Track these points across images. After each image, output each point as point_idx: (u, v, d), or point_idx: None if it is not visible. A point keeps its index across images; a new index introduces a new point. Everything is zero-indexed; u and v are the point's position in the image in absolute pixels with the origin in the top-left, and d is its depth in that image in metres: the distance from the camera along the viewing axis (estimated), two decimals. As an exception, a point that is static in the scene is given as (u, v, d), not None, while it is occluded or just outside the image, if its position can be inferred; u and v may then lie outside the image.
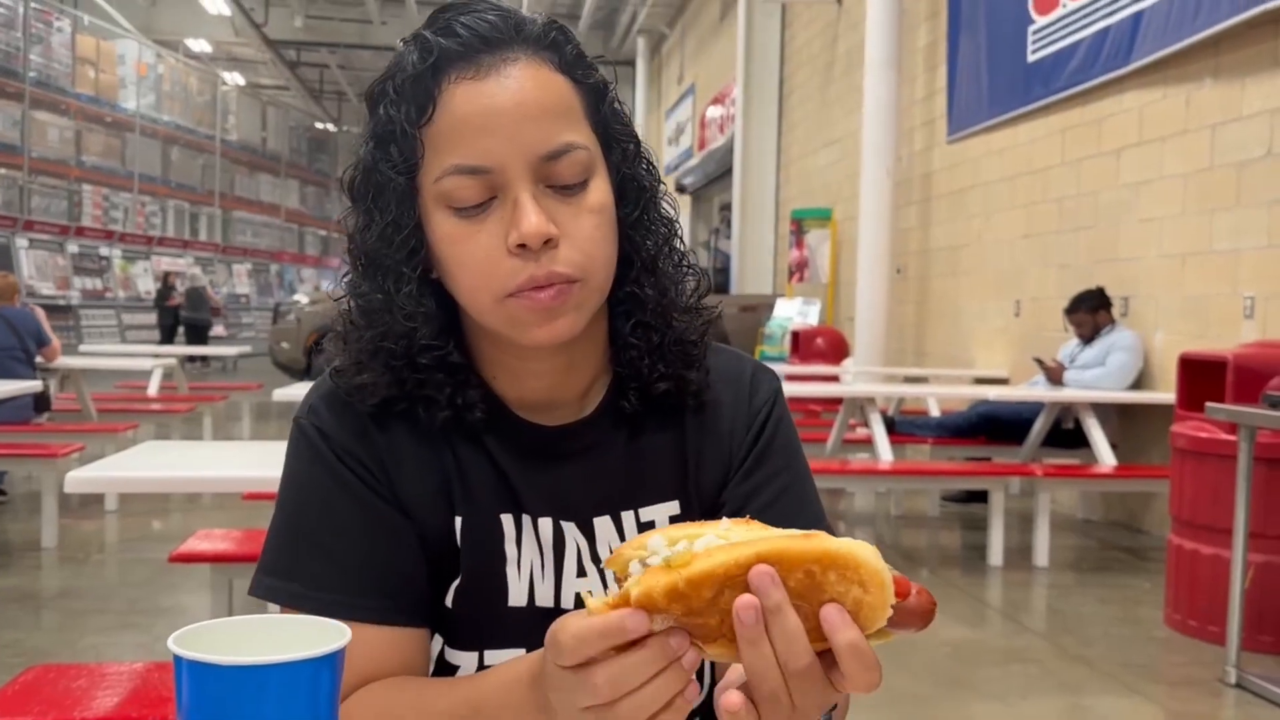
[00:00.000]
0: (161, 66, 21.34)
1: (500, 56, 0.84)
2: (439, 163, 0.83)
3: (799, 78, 12.41)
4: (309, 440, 0.91)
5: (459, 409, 0.89)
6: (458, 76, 0.83)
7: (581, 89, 0.88)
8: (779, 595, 0.61)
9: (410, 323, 0.87)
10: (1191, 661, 3.72)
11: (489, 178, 0.82)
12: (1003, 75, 7.36)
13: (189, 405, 7.79)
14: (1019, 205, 7.26)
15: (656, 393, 0.94)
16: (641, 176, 0.92)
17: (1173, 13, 5.47)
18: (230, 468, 2.75)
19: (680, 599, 0.61)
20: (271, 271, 25.98)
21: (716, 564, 0.61)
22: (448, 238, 0.84)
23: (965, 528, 6.07)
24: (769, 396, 1.00)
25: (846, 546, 0.62)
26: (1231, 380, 3.94)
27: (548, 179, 0.83)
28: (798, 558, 0.61)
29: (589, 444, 0.94)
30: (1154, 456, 5.63)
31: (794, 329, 9.95)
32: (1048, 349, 6.42)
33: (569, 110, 0.85)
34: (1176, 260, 5.62)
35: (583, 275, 0.84)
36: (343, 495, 0.89)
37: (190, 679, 0.59)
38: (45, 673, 2.00)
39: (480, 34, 0.84)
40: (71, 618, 4.07)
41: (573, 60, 0.88)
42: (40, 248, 16.63)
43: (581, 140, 0.85)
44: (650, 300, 0.92)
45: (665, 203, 0.95)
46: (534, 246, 0.81)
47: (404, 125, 0.83)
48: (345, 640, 0.62)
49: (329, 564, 0.87)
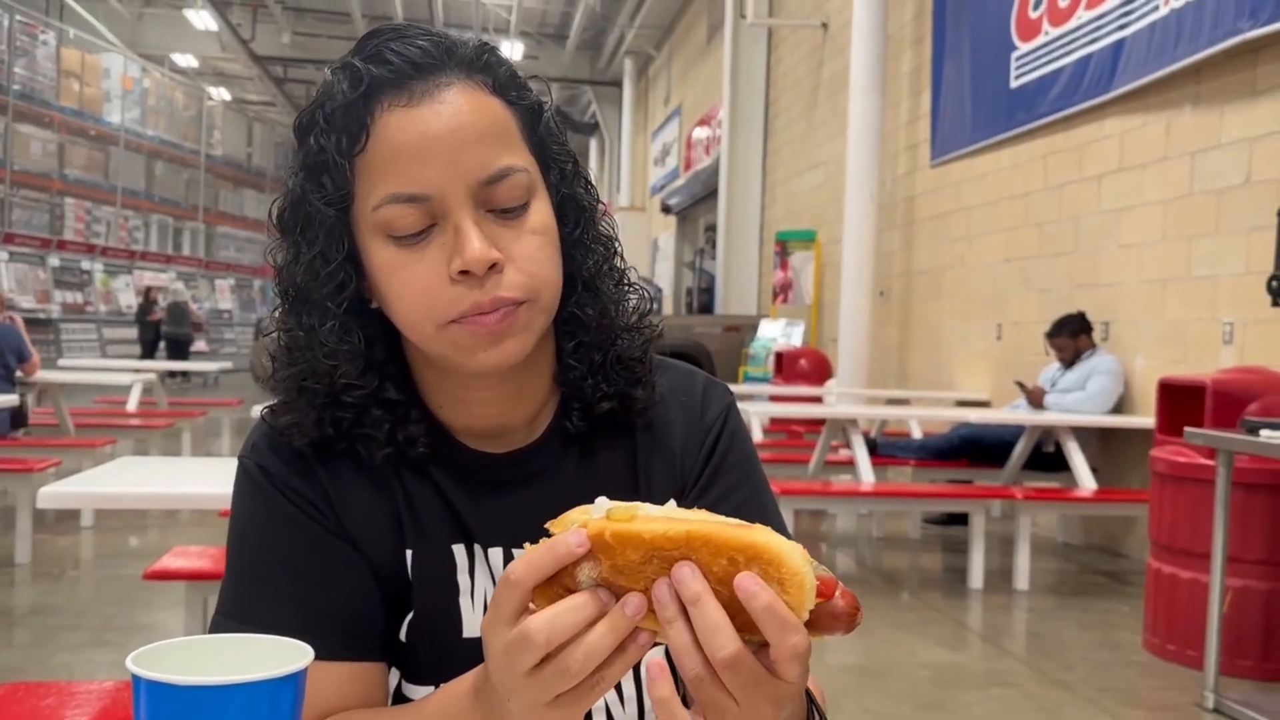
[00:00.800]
0: (147, 81, 21.30)
1: (433, 82, 0.82)
2: (375, 192, 0.81)
3: (784, 101, 12.49)
4: (252, 479, 0.89)
5: (400, 445, 0.88)
6: (390, 104, 0.81)
7: (517, 110, 0.86)
8: (698, 586, 0.62)
9: (331, 360, 0.84)
10: (1170, 686, 3.73)
11: (428, 205, 0.81)
12: (986, 101, 7.42)
13: (168, 421, 7.73)
14: (1001, 229, 7.31)
15: (600, 412, 0.93)
16: (580, 195, 0.91)
17: (1154, 42, 5.53)
18: (208, 484, 2.73)
19: (606, 551, 0.63)
20: (254, 287, 25.89)
21: (646, 529, 0.63)
22: (386, 266, 0.82)
23: (946, 550, 6.07)
24: (721, 411, 0.99)
25: (775, 543, 0.62)
26: (1210, 405, 3.96)
27: (488, 203, 0.82)
28: (724, 544, 0.62)
29: (538, 469, 0.93)
30: (1134, 481, 5.65)
31: (778, 350, 9.97)
32: (1029, 373, 6.45)
33: (505, 133, 0.84)
34: (1157, 285, 5.66)
35: (529, 296, 0.83)
36: (290, 532, 0.87)
37: (149, 699, 0.58)
38: (14, 690, 1.97)
39: (411, 60, 0.82)
40: (44, 634, 4.01)
41: (506, 81, 0.86)
42: (21, 260, 16.53)
43: (520, 163, 0.84)
44: (591, 320, 0.91)
45: (604, 221, 0.94)
46: (478, 273, 0.80)
47: (335, 155, 0.82)
48: (307, 660, 0.61)
49: (280, 604, 0.85)
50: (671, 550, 0.63)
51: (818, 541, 6.27)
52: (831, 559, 5.85)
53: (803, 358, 9.60)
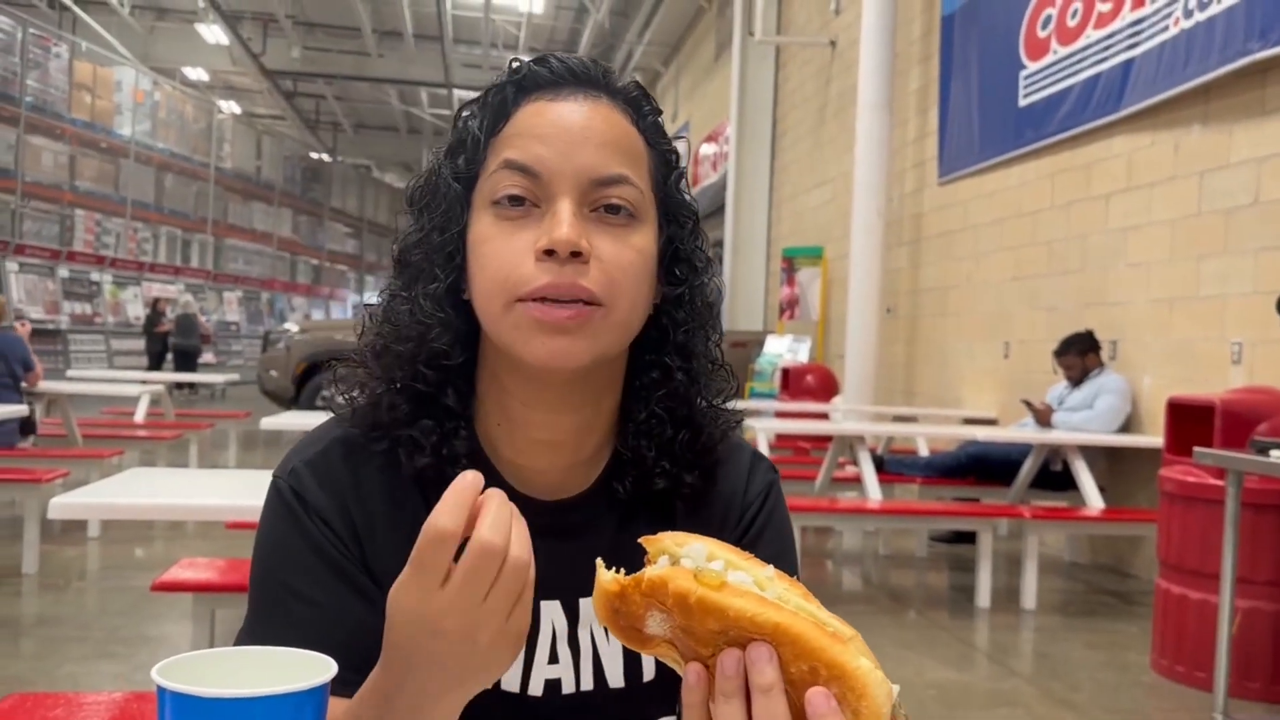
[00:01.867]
0: (158, 94, 21.40)
1: (583, 91, 0.86)
2: (494, 162, 0.84)
3: (792, 118, 12.52)
4: (285, 502, 0.88)
5: (442, 459, 0.86)
6: (538, 96, 0.86)
7: (652, 151, 0.88)
8: (772, 676, 0.60)
9: (427, 321, 0.85)
10: (1178, 707, 3.71)
11: (535, 181, 0.82)
12: (994, 119, 7.43)
13: (175, 432, 7.74)
14: (1008, 248, 7.31)
15: (654, 488, 0.90)
16: (694, 257, 0.91)
17: (1163, 61, 5.54)
18: (215, 496, 2.73)
19: (686, 612, 0.60)
20: (262, 299, 25.94)
21: (735, 606, 0.59)
22: (482, 238, 0.83)
23: (953, 568, 6.05)
24: (763, 489, 0.98)
25: (865, 672, 0.58)
26: (1219, 425, 3.96)
27: (594, 202, 0.82)
28: (812, 652, 0.59)
29: (578, 523, 0.91)
30: (1141, 500, 5.64)
31: (784, 366, 9.97)
32: (1036, 391, 6.44)
33: (633, 155, 0.86)
34: (1164, 305, 5.66)
35: (605, 301, 0.81)
36: (314, 562, 0.86)
37: (173, 710, 0.58)
38: (22, 701, 1.97)
39: (570, 68, 0.87)
40: (51, 645, 4.01)
41: (649, 125, 0.89)
42: (30, 271, 16.59)
43: (637, 181, 0.84)
44: (678, 385, 0.89)
45: (714, 287, 0.94)
46: (562, 254, 0.79)
47: (475, 134, 0.86)
48: (331, 674, 0.62)
49: (293, 631, 0.84)
50: (753, 634, 0.59)
51: (823, 559, 6.25)
52: (838, 576, 5.84)
53: (809, 374, 9.59)
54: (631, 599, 0.63)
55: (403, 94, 25.38)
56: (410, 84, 23.39)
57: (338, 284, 31.80)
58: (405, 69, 22.41)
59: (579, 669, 0.89)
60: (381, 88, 24.73)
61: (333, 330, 11.91)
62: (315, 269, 30.23)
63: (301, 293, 28.89)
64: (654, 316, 0.89)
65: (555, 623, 0.90)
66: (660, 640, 0.64)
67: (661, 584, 0.61)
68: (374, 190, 34.89)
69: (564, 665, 0.89)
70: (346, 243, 32.79)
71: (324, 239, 30.68)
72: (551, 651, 0.89)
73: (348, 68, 22.64)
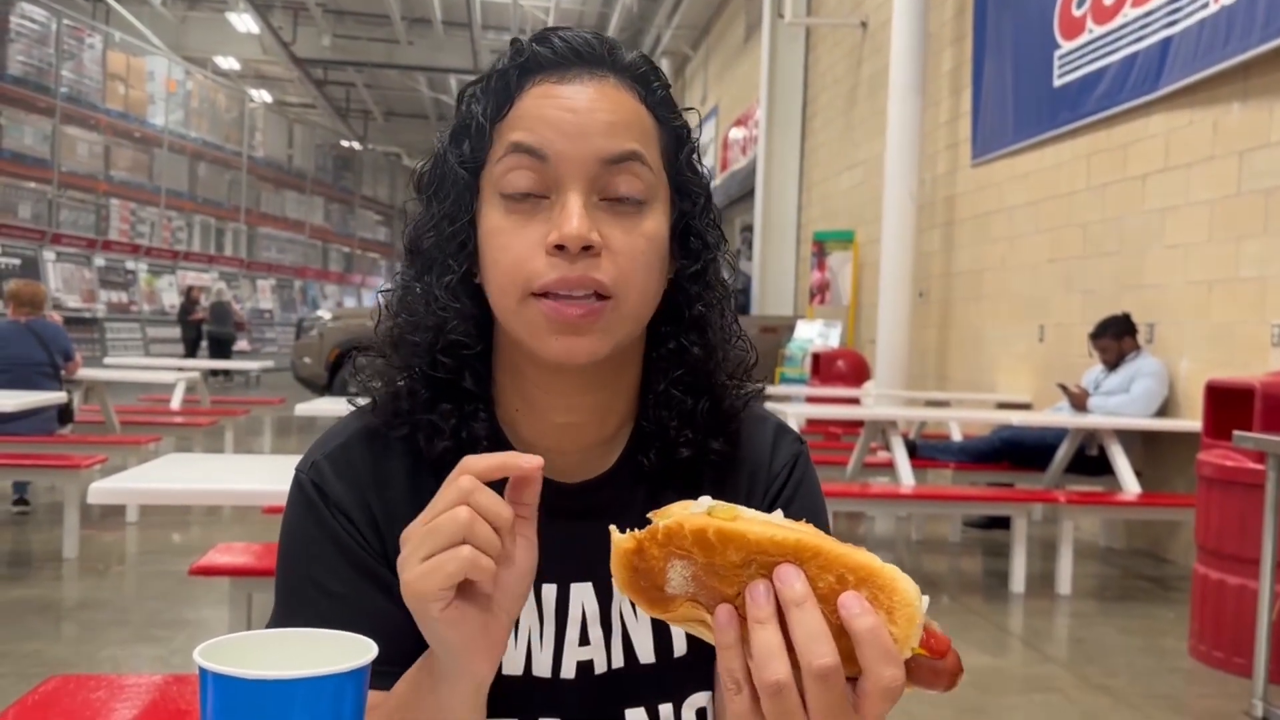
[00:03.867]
0: (190, 83, 21.57)
1: (588, 71, 0.84)
2: (501, 147, 0.83)
3: (822, 100, 12.43)
4: (306, 496, 0.89)
5: (462, 442, 0.86)
6: (542, 79, 0.84)
7: (661, 128, 0.87)
8: (803, 588, 0.60)
9: (443, 313, 0.85)
10: (1216, 694, 3.67)
11: (544, 167, 0.81)
12: (1028, 99, 7.34)
13: (211, 419, 7.82)
14: (1043, 230, 7.23)
15: (678, 457, 0.90)
16: (707, 233, 0.90)
17: (1202, 39, 5.45)
18: (251, 481, 2.76)
19: (706, 548, 0.61)
20: (295, 287, 26.14)
21: (753, 531, 0.60)
22: (493, 229, 0.83)
23: (987, 554, 6.01)
24: (789, 460, 0.97)
25: (890, 570, 0.60)
26: (1259, 408, 3.89)
27: (604, 190, 0.82)
28: (835, 559, 0.60)
29: (603, 503, 0.90)
30: (1179, 485, 5.57)
31: (815, 351, 9.92)
32: (1072, 375, 6.37)
33: (642, 133, 0.84)
34: (1203, 287, 5.57)
35: (616, 292, 0.81)
36: (336, 553, 0.87)
37: (215, 691, 0.59)
38: (65, 683, 2.01)
39: (574, 48, 0.85)
40: (91, 629, 4.08)
41: (659, 99, 0.88)
42: (67, 261, 16.80)
43: (648, 158, 0.84)
44: (695, 358, 0.89)
45: (726, 263, 0.93)
46: (573, 249, 0.79)
47: (479, 119, 0.84)
48: (371, 656, 0.62)
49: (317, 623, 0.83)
50: (776, 556, 0.60)
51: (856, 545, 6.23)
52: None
53: (840, 359, 9.54)
54: (649, 553, 0.63)
55: (432, 81, 25.42)
56: (440, 71, 23.41)
57: (370, 271, 31.98)
58: (434, 56, 22.45)
59: (609, 648, 0.89)
60: (411, 75, 24.79)
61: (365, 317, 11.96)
62: (347, 257, 30.42)
63: (334, 280, 29.08)
64: (669, 291, 0.88)
65: (586, 605, 0.90)
66: (683, 600, 0.63)
67: (678, 527, 0.61)
68: (404, 178, 34.88)
69: (595, 646, 0.89)
70: (378, 230, 32.96)
71: (355, 227, 30.86)
72: (582, 633, 0.89)
73: (377, 55, 22.72)
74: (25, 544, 5.58)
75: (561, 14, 19.74)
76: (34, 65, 16.35)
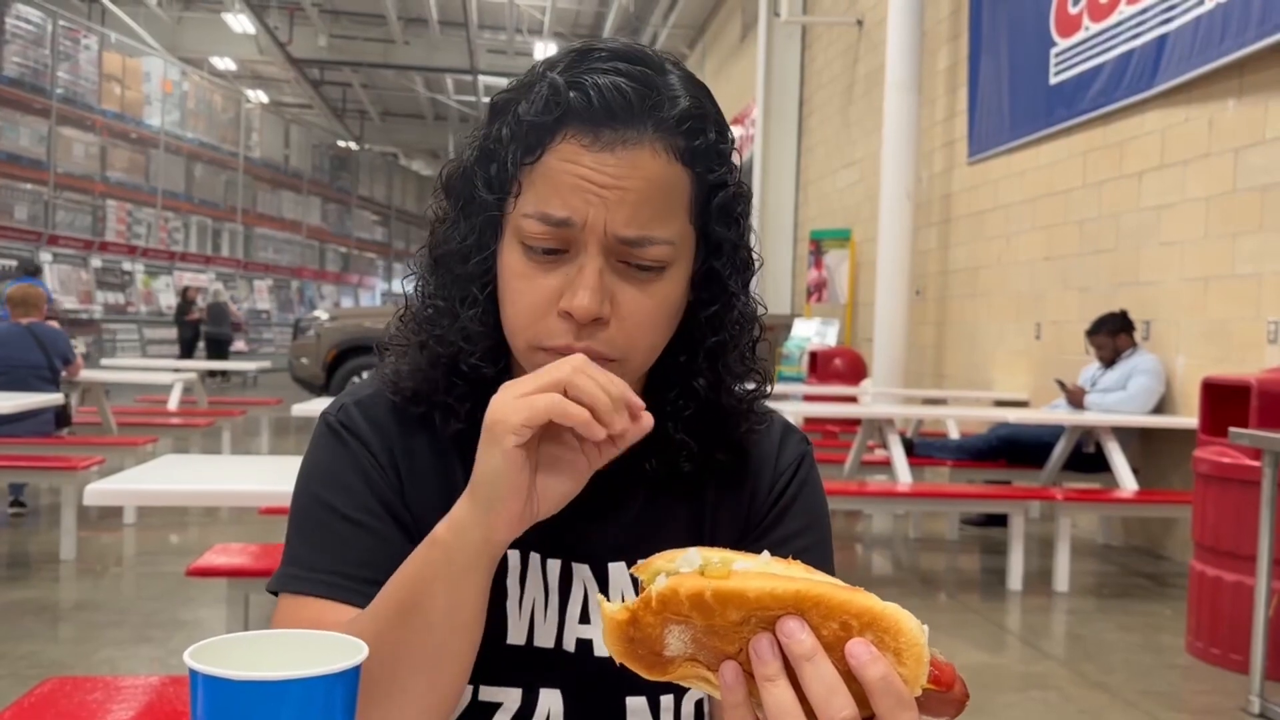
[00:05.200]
0: (186, 84, 21.55)
1: (622, 135, 0.81)
2: (528, 202, 0.83)
3: (819, 99, 12.43)
4: (332, 430, 0.92)
5: (477, 423, 0.86)
6: (574, 136, 0.81)
7: (697, 181, 0.85)
8: (810, 641, 0.59)
9: (464, 340, 0.88)
10: (1214, 690, 3.67)
11: (568, 231, 0.81)
12: (1024, 97, 7.35)
13: (208, 419, 7.82)
14: (1040, 227, 7.24)
15: (681, 469, 0.92)
16: (728, 280, 0.89)
17: (1198, 36, 5.45)
18: (248, 482, 2.76)
19: (704, 610, 0.59)
20: (292, 288, 26.13)
21: (751, 587, 0.59)
22: (512, 269, 0.84)
23: (984, 551, 6.02)
24: (794, 459, 0.98)
25: (892, 610, 0.59)
26: (1255, 405, 3.90)
27: (623, 255, 0.82)
28: (837, 606, 0.59)
29: (611, 490, 0.91)
30: (1175, 482, 5.58)
31: (812, 349, 9.93)
32: (1068, 372, 6.38)
33: (668, 205, 0.83)
34: (1199, 284, 5.58)
35: (621, 358, 0.83)
36: (359, 481, 0.89)
37: (206, 693, 0.59)
38: (61, 685, 2.00)
39: (611, 105, 0.81)
40: (88, 630, 4.07)
41: (700, 152, 0.84)
42: (64, 262, 16.78)
43: (668, 235, 0.82)
44: (700, 390, 0.90)
45: (754, 299, 0.94)
46: (581, 321, 0.81)
47: (509, 157, 0.84)
48: (362, 657, 0.62)
49: (332, 547, 0.87)
50: (777, 610, 0.59)
51: (853, 543, 6.24)
52: (868, 560, 5.82)
53: (837, 357, 9.55)
54: (644, 622, 0.61)
55: (429, 81, 25.41)
56: (436, 70, 23.41)
57: (366, 271, 31.97)
58: (431, 56, 22.44)
59: None
60: (407, 75, 24.77)
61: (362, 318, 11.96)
62: (344, 257, 30.40)
63: (331, 280, 29.07)
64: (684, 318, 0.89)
65: (587, 584, 0.92)
66: (681, 660, 0.62)
67: (672, 593, 0.59)
68: (401, 178, 34.99)
69: (595, 627, 0.91)
70: (375, 230, 32.94)
71: (352, 227, 30.83)
72: (583, 611, 0.91)
73: (374, 55, 22.70)
74: (22, 545, 5.58)
75: (558, 14, 19.73)
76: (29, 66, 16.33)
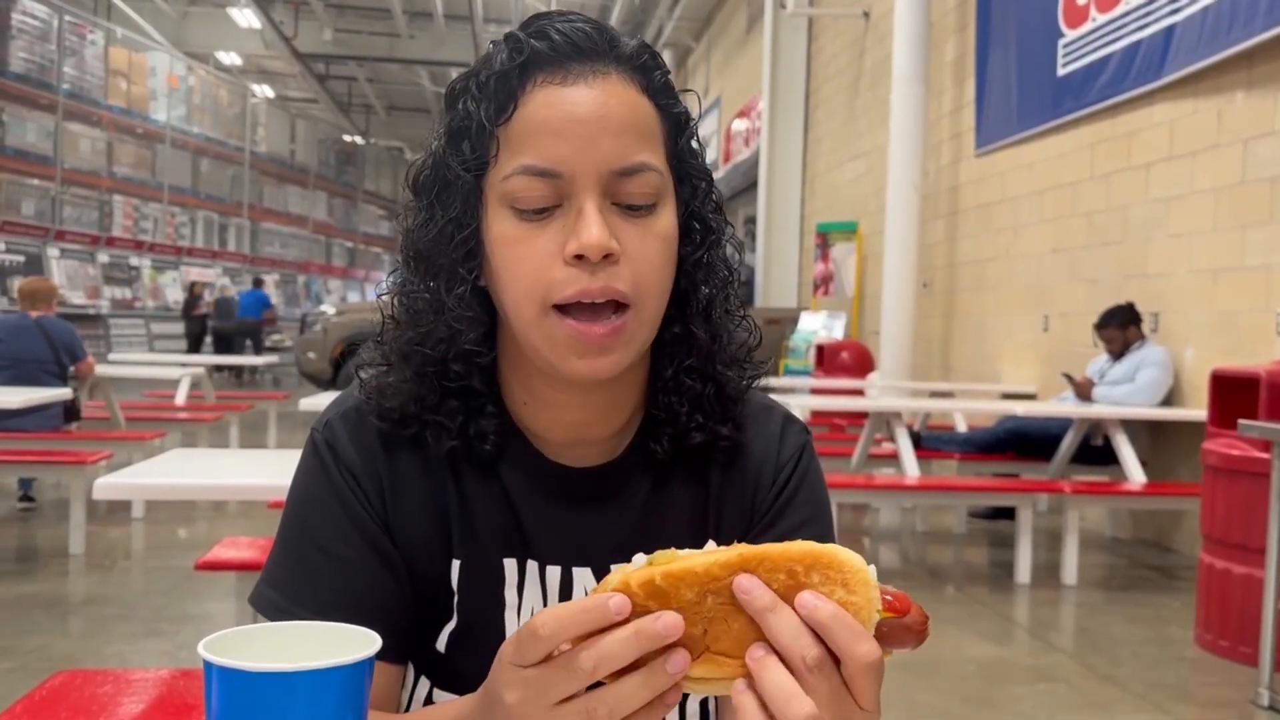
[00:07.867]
0: (192, 79, 21.58)
1: (589, 67, 0.82)
2: (510, 162, 0.81)
3: (825, 91, 12.40)
4: (318, 453, 0.90)
5: (469, 439, 0.87)
6: (544, 79, 0.81)
7: (663, 116, 0.86)
8: (768, 595, 0.61)
9: (457, 325, 0.85)
10: (1223, 683, 3.67)
11: (557, 183, 0.80)
12: (1032, 89, 7.32)
13: (216, 414, 7.83)
14: (1047, 219, 7.22)
15: (690, 443, 0.91)
16: (709, 217, 0.89)
17: (1206, 27, 5.42)
18: (256, 476, 2.76)
19: (659, 596, 0.61)
20: (299, 282, 26.17)
21: (698, 562, 0.62)
22: (504, 239, 0.82)
23: (992, 544, 6.01)
24: (796, 450, 0.97)
25: (830, 548, 0.62)
26: (1265, 397, 3.88)
27: (616, 195, 0.81)
28: (780, 557, 0.62)
29: (614, 488, 0.91)
30: (1184, 474, 5.56)
31: (819, 342, 9.91)
32: (1076, 365, 6.36)
33: (648, 133, 0.83)
34: (1207, 276, 5.56)
35: (636, 300, 0.81)
36: (338, 514, 0.87)
37: (220, 685, 0.59)
38: (72, 678, 2.01)
39: (573, 41, 0.82)
40: (98, 624, 4.09)
41: (660, 86, 0.86)
42: (71, 257, 16.82)
43: (656, 164, 0.83)
44: (702, 344, 0.89)
45: (730, 245, 0.93)
46: (593, 259, 0.78)
47: (482, 121, 0.82)
48: (375, 648, 0.62)
49: (314, 584, 0.86)
50: (727, 579, 0.62)
51: (860, 536, 6.23)
52: (875, 553, 5.81)
53: (844, 350, 9.53)
54: None
55: (434, 75, 25.39)
56: (441, 64, 23.38)
57: (373, 266, 32.00)
58: (436, 50, 22.41)
59: None
60: (413, 69, 24.76)
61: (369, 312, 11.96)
62: (350, 251, 30.44)
63: (337, 275, 29.11)
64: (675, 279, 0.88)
65: (589, 589, 0.90)
66: None
67: (625, 586, 0.62)
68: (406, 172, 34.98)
69: None
70: (381, 225, 32.97)
71: (358, 221, 30.88)
72: None
73: (379, 50, 22.69)
74: (31, 540, 5.60)
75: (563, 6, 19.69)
76: (36, 62, 16.35)
